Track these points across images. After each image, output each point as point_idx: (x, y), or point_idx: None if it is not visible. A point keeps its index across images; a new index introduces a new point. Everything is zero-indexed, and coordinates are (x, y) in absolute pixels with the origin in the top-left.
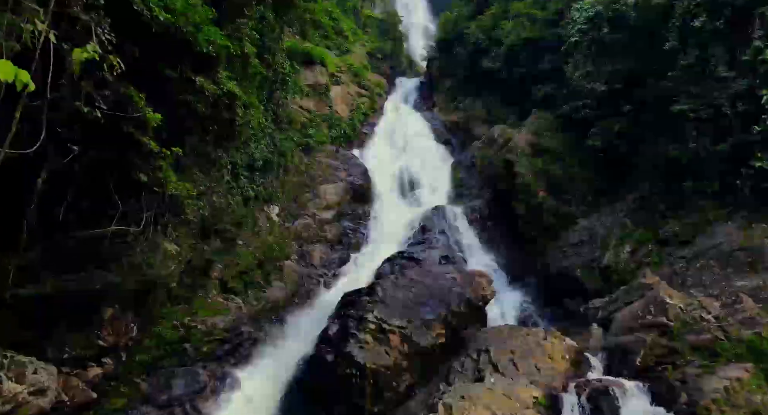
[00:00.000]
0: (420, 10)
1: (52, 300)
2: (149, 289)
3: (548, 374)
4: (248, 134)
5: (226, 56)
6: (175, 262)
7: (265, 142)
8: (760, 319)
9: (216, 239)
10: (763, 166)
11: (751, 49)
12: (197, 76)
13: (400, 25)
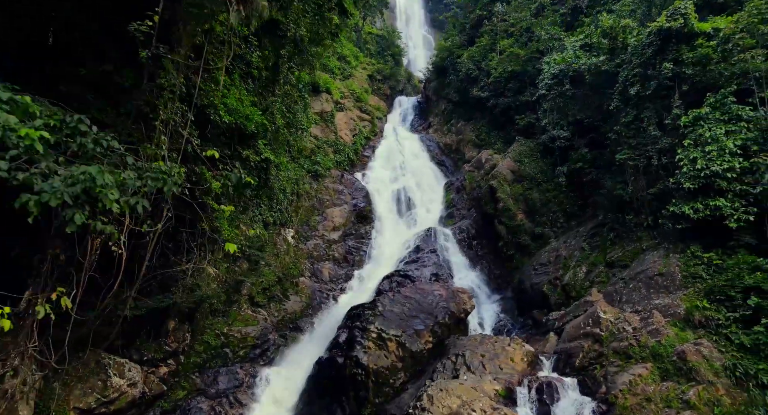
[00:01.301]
0: (419, 21)
1: (135, 317)
2: (198, 305)
3: (509, 372)
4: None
5: (263, 130)
6: (215, 283)
7: (284, 175)
8: (663, 330)
9: (244, 262)
10: (675, 211)
11: (671, 114)
12: (244, 150)
13: (400, 40)
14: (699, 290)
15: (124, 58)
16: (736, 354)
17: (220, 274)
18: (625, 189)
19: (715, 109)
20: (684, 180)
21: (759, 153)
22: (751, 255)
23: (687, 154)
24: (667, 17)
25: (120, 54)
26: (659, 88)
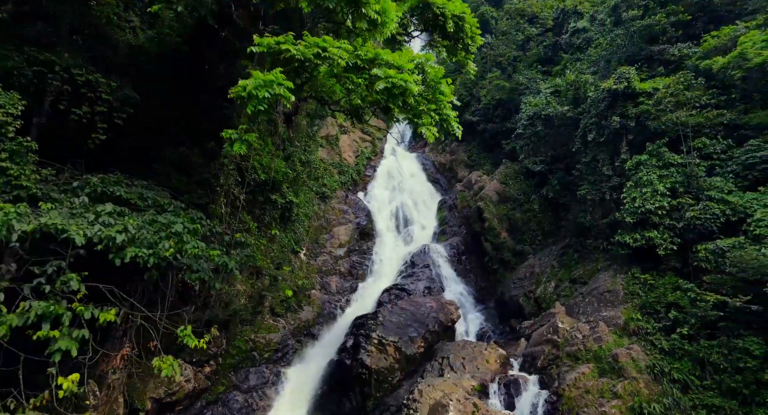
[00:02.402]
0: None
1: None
2: (231, 317)
3: (484, 371)
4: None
5: (286, 177)
6: (244, 297)
7: (303, 212)
8: (605, 337)
9: (266, 278)
10: (620, 239)
11: (620, 158)
12: (273, 194)
13: None
14: (635, 305)
15: (195, 142)
16: (657, 356)
17: (247, 290)
18: (586, 218)
19: (652, 156)
20: (626, 215)
21: (684, 194)
22: (675, 277)
23: (629, 193)
24: (615, 80)
25: (192, 140)
26: (611, 136)
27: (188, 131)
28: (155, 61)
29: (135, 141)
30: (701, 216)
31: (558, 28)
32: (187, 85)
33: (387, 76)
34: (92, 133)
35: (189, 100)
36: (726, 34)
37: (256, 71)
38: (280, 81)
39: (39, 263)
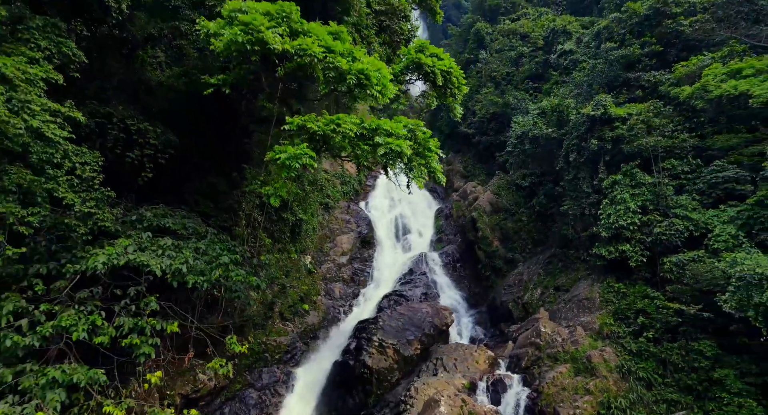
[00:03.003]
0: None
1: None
2: (246, 322)
3: (474, 371)
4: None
5: (296, 197)
6: (257, 304)
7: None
8: (582, 340)
9: (276, 286)
10: (596, 251)
11: (598, 178)
12: (284, 213)
13: None
14: (609, 311)
15: (220, 173)
16: (626, 357)
17: (260, 297)
18: (568, 230)
19: (626, 176)
20: (602, 229)
21: (653, 211)
22: (645, 286)
23: (605, 210)
24: (593, 107)
25: (217, 171)
26: (590, 157)
27: (214, 163)
28: (183, 99)
29: (172, 175)
30: (667, 232)
31: (548, 46)
32: (212, 121)
33: (386, 143)
34: (142, 172)
35: (214, 135)
36: (694, 63)
37: (288, 146)
38: (306, 152)
39: (118, 286)
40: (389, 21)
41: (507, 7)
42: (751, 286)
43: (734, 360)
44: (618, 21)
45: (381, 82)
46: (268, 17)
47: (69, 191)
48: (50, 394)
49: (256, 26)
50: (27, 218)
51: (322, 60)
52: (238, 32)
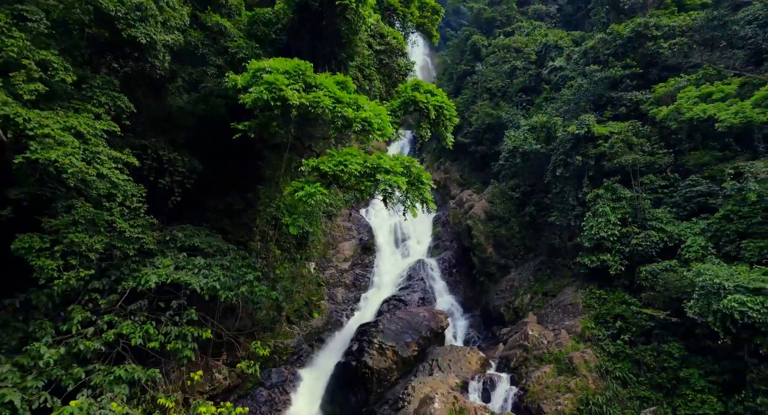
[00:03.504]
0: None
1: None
2: (255, 325)
3: (466, 371)
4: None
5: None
6: (263, 310)
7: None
8: (565, 342)
9: (282, 292)
10: (580, 260)
11: (583, 191)
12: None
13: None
14: (591, 316)
15: (237, 193)
16: (604, 358)
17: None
18: (555, 240)
19: (607, 190)
20: (585, 240)
21: (631, 224)
22: (624, 292)
23: (588, 222)
24: (577, 126)
25: (234, 191)
26: (575, 172)
27: (231, 184)
28: (202, 124)
29: (194, 196)
30: (643, 243)
31: (541, 60)
32: (229, 146)
33: (386, 180)
34: (171, 196)
35: (231, 159)
36: (671, 84)
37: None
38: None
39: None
40: (388, 59)
41: (502, 20)
42: (711, 294)
43: (699, 360)
44: (603, 42)
45: (381, 126)
46: (286, 75)
47: (123, 221)
48: (117, 388)
49: (278, 85)
50: (95, 245)
51: (333, 110)
52: (263, 90)
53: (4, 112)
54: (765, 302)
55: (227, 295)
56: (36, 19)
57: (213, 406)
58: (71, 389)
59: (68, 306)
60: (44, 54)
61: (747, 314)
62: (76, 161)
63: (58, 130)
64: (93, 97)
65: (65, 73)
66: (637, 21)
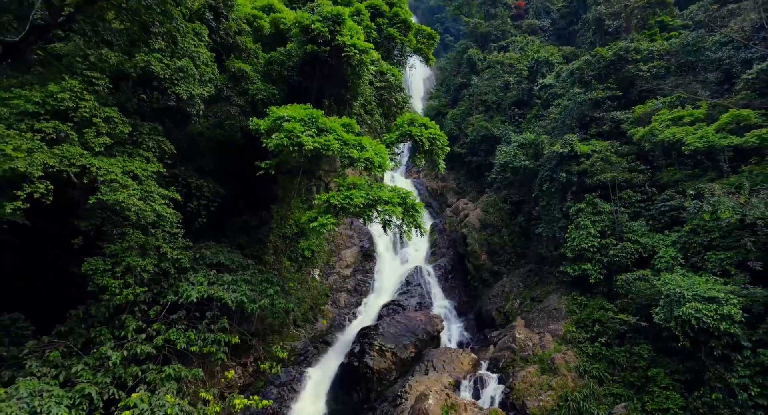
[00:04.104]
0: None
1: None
2: (266, 329)
3: (459, 371)
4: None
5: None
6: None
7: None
8: (549, 345)
9: (290, 297)
10: (563, 270)
11: (567, 205)
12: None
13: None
14: (573, 320)
15: (252, 211)
16: (584, 359)
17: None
18: (542, 249)
19: (588, 204)
20: (568, 251)
21: (610, 236)
22: (602, 299)
23: (571, 234)
24: (561, 145)
25: (250, 210)
26: (560, 187)
27: (247, 204)
28: (219, 149)
29: (216, 215)
30: (620, 254)
31: (533, 75)
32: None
33: (385, 210)
34: (198, 218)
35: (247, 181)
36: (649, 106)
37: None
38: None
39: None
40: (387, 94)
41: (497, 34)
42: (673, 302)
43: (665, 361)
44: (588, 63)
45: (381, 163)
46: (302, 123)
47: (166, 245)
48: (168, 384)
49: (296, 133)
50: (147, 266)
51: (340, 151)
52: (283, 137)
53: (81, 163)
54: (718, 310)
55: (252, 307)
56: (101, 83)
57: (245, 398)
58: (131, 384)
59: (117, 316)
60: (108, 111)
61: (702, 320)
62: (136, 201)
63: (120, 175)
64: (143, 143)
65: (123, 125)
66: (619, 45)
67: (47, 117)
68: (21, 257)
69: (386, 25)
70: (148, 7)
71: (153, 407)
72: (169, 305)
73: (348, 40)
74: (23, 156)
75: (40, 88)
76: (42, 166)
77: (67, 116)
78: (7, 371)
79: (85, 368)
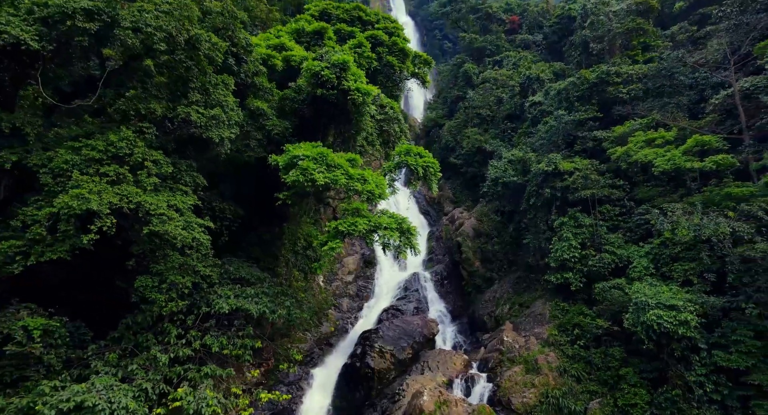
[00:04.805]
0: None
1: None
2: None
3: (452, 371)
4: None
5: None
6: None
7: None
8: (533, 347)
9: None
10: (547, 278)
11: (551, 218)
12: (308, 251)
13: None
14: (556, 324)
15: (267, 227)
16: (564, 360)
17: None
18: (530, 259)
19: (570, 218)
20: (552, 261)
21: (589, 247)
22: (582, 305)
23: (554, 245)
24: (546, 163)
25: (265, 226)
26: (545, 201)
27: (262, 221)
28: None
29: (236, 234)
30: (598, 264)
31: (524, 91)
32: (260, 191)
33: (384, 235)
34: (221, 237)
35: (262, 202)
36: (627, 126)
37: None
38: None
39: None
40: (387, 126)
41: (492, 49)
42: (640, 309)
43: (635, 361)
44: (573, 85)
45: (381, 193)
46: (314, 161)
47: (200, 264)
48: (206, 381)
49: (310, 171)
50: (187, 283)
51: (346, 185)
52: (299, 174)
53: (137, 200)
54: (677, 316)
55: (272, 317)
56: (150, 132)
57: (269, 393)
58: (176, 381)
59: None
60: (155, 154)
61: (663, 325)
62: (180, 230)
63: (166, 209)
64: (181, 179)
65: (167, 166)
66: (601, 68)
67: (108, 161)
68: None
69: (386, 53)
70: (187, 68)
71: (197, 399)
72: (201, 315)
73: (352, 84)
74: (95, 197)
75: (101, 137)
76: (108, 205)
77: (124, 160)
78: (75, 369)
79: (138, 367)
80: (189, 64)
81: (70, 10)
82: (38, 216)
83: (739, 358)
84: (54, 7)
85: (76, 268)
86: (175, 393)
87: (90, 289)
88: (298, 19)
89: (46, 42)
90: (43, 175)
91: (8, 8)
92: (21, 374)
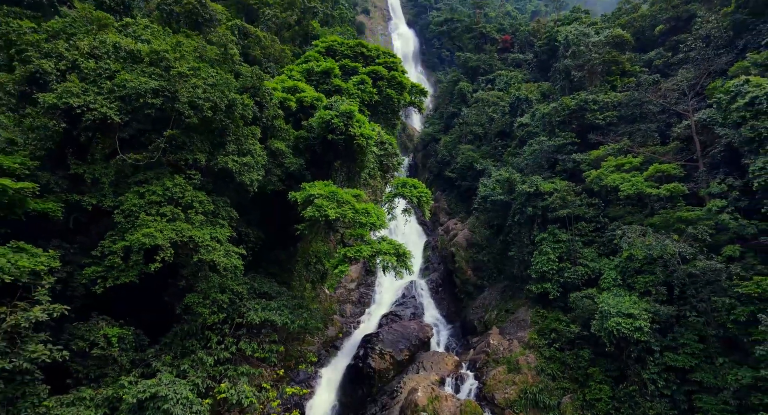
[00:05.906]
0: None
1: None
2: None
3: (444, 370)
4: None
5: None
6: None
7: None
8: (515, 349)
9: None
10: (529, 288)
11: (533, 233)
12: (318, 265)
13: None
14: (536, 329)
15: (282, 247)
16: (542, 360)
17: None
18: (514, 270)
19: (550, 234)
20: (533, 272)
21: (566, 260)
22: (559, 312)
23: (535, 258)
24: (528, 184)
25: (280, 246)
26: (528, 219)
27: (278, 242)
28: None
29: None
30: (572, 276)
31: (513, 110)
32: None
33: (383, 259)
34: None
35: (278, 225)
36: (602, 150)
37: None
38: (346, 268)
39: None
40: (387, 160)
41: (485, 68)
42: (604, 317)
43: (601, 362)
44: (556, 110)
45: (381, 223)
46: (326, 199)
47: (234, 283)
48: (242, 379)
49: (324, 208)
50: (225, 299)
51: (353, 218)
52: (315, 210)
53: (189, 235)
54: (633, 323)
55: (293, 327)
56: (196, 178)
57: (293, 388)
58: (218, 378)
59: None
60: (199, 195)
61: (621, 331)
62: (223, 258)
63: (209, 240)
64: (219, 213)
65: (209, 204)
66: (581, 96)
67: (165, 203)
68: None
69: (385, 86)
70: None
71: (238, 392)
72: (235, 325)
73: (357, 130)
74: (160, 234)
75: (158, 183)
76: (168, 239)
77: (178, 202)
78: (140, 368)
79: (188, 367)
80: (227, 123)
81: (143, 90)
82: (114, 248)
83: (686, 358)
84: (130, 89)
85: (134, 287)
86: (219, 387)
87: (144, 303)
88: (308, 57)
89: (123, 114)
90: (117, 215)
91: (93, 88)
92: (101, 372)
